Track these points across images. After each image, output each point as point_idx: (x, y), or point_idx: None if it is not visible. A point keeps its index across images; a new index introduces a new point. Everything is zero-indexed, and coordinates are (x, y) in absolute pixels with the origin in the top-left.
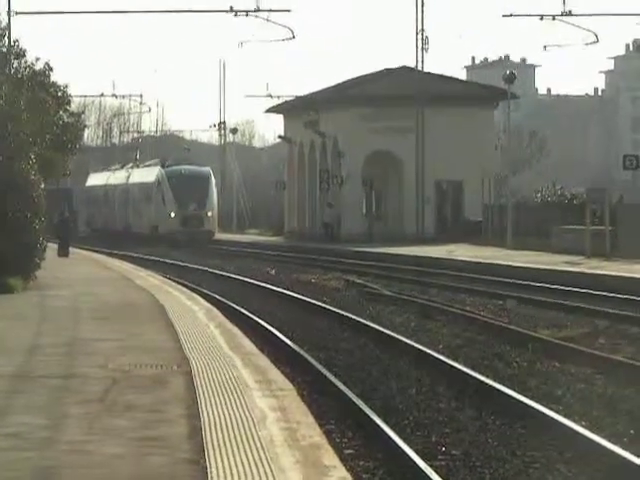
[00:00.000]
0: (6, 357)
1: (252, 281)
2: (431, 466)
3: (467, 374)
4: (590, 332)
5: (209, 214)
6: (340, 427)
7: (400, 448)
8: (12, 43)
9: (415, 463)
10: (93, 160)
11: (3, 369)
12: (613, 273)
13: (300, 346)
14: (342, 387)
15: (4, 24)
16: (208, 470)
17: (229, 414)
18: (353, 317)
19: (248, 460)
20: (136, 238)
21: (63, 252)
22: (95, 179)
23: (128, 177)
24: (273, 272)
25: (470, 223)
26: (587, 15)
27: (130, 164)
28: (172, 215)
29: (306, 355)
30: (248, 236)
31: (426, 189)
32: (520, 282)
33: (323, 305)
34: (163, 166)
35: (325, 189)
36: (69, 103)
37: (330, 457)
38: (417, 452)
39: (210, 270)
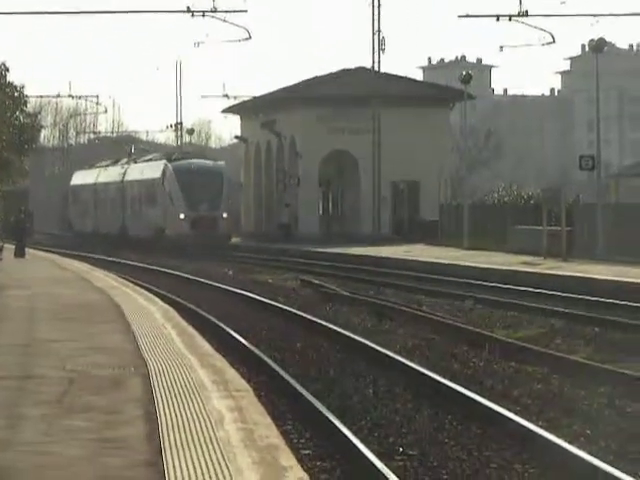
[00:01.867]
0: None
1: (209, 282)
2: (388, 466)
3: (423, 374)
4: (546, 332)
5: (224, 215)
6: (297, 427)
7: (357, 448)
8: None
9: (372, 463)
10: (49, 161)
11: None
12: (569, 273)
13: (256, 346)
14: (299, 387)
15: None
16: (165, 472)
17: (186, 415)
18: (309, 317)
19: (206, 461)
20: (134, 242)
21: (19, 253)
22: (81, 177)
23: (124, 174)
24: (230, 273)
25: (426, 223)
26: (543, 15)
27: (124, 159)
28: (181, 216)
29: (262, 355)
30: None
31: (382, 189)
32: (476, 282)
33: (279, 305)
34: (170, 160)
35: (282, 189)
36: (25, 104)
37: (287, 458)
38: (374, 452)
39: (166, 271)
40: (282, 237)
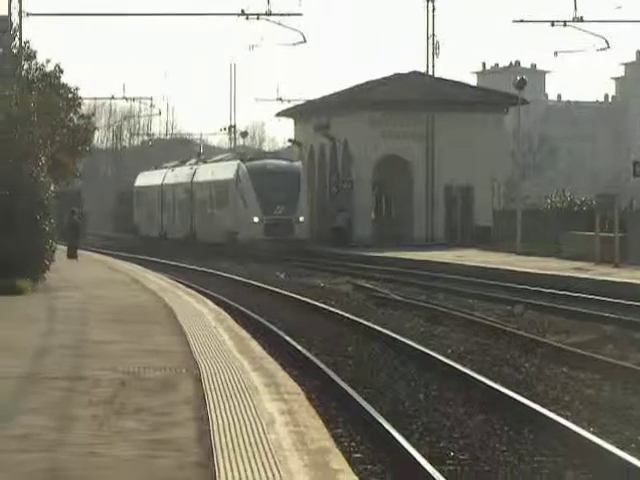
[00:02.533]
0: (15, 359)
1: (262, 285)
2: (439, 470)
3: (475, 379)
4: (598, 338)
5: (300, 219)
6: (349, 431)
7: (409, 453)
8: (23, 44)
9: (423, 467)
10: (102, 162)
11: (12, 370)
12: (621, 280)
13: (308, 350)
14: (350, 391)
15: (15, 25)
16: (217, 474)
17: (238, 417)
18: (362, 322)
19: (257, 464)
20: (203, 247)
21: (72, 254)
22: (146, 179)
23: (192, 175)
24: (282, 276)
25: (480, 228)
26: (598, 21)
27: (193, 160)
28: (255, 220)
29: (314, 359)
30: None
31: (436, 194)
32: (529, 288)
33: (332, 309)
34: (243, 160)
35: (335, 193)
36: (79, 105)
37: (339, 461)
38: (425, 456)
39: (219, 273)
40: (336, 241)
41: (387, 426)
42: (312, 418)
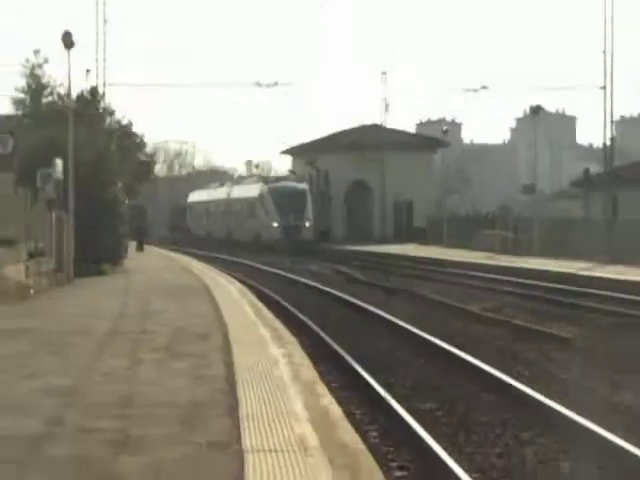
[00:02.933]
0: (100, 319)
1: (272, 269)
2: (389, 393)
3: (420, 335)
4: (500, 305)
5: (307, 224)
6: (329, 368)
7: (368, 382)
8: (106, 106)
9: (377, 392)
10: (161, 186)
11: (100, 328)
12: (513, 264)
13: (301, 313)
14: (328, 339)
15: (101, 92)
16: (238, 397)
17: (253, 359)
18: (337, 293)
19: (267, 390)
20: (237, 244)
21: (139, 248)
22: (196, 196)
23: (229, 193)
24: (288, 263)
25: (417, 229)
26: (499, 89)
27: (229, 182)
28: (275, 225)
29: (305, 319)
30: None
31: (387, 206)
32: (452, 270)
33: (318, 286)
34: (265, 182)
35: (319, 206)
36: (144, 147)
37: (322, 388)
38: (379, 383)
39: (242, 261)
40: (321, 239)
41: (352, 362)
42: (303, 359)
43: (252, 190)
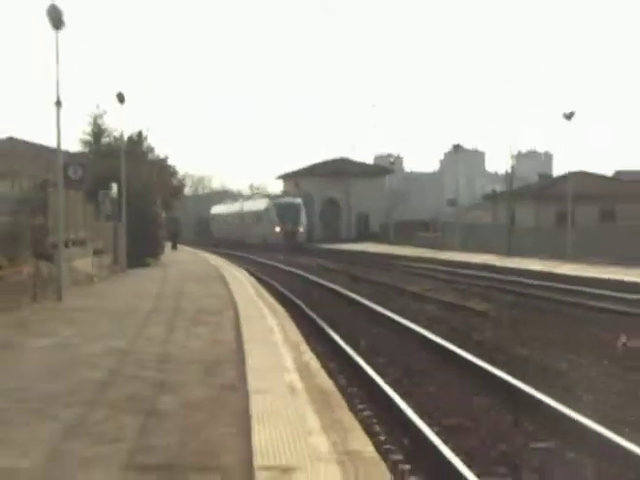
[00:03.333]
0: (146, 300)
1: (269, 262)
2: (353, 350)
3: (376, 310)
4: (434, 288)
5: (300, 230)
6: (310, 332)
7: (337, 342)
8: (148, 145)
9: (343, 348)
10: (188, 203)
11: (145, 306)
12: (442, 257)
13: (292, 294)
14: (310, 313)
15: (143, 135)
16: (245, 353)
17: (256, 328)
18: (317, 279)
19: (266, 349)
20: (248, 246)
21: (174, 247)
22: (217, 209)
23: (242, 207)
24: (282, 257)
25: (373, 232)
26: (430, 131)
27: (242, 199)
28: (277, 230)
29: (294, 297)
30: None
31: (352, 216)
32: (397, 262)
33: (304, 274)
34: (270, 199)
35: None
36: (176, 174)
37: (304, 347)
38: (344, 341)
39: (251, 257)
40: (307, 240)
41: (327, 329)
42: (292, 327)
43: (260, 204)
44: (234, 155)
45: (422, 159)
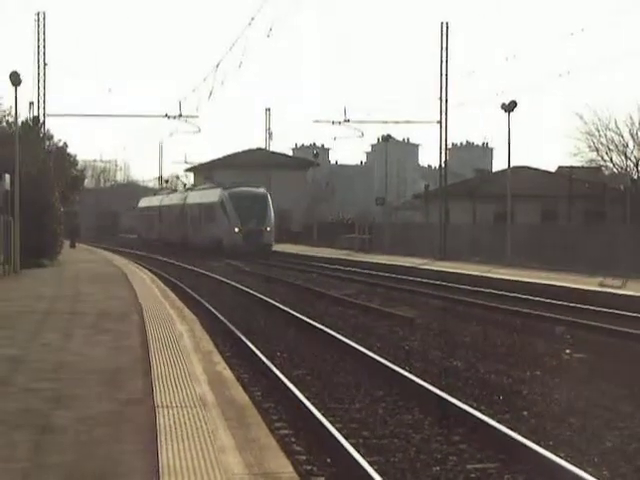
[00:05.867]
0: (40, 301)
1: (183, 264)
2: (270, 361)
3: (291, 313)
4: (356, 292)
5: (268, 229)
6: (223, 340)
7: (247, 345)
8: (46, 132)
9: (253, 350)
10: (90, 196)
11: (40, 308)
12: (368, 260)
13: (200, 296)
14: (223, 319)
15: (41, 120)
16: (151, 363)
17: (163, 333)
18: (228, 281)
19: (174, 358)
20: (194, 250)
21: (72, 245)
22: (147, 202)
23: (185, 199)
24: (241, 264)
25: (295, 232)
26: (358, 121)
27: (182, 189)
28: (236, 230)
29: (203, 301)
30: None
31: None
32: (317, 264)
33: (214, 275)
34: (224, 188)
35: None
36: (76, 164)
37: (217, 357)
38: (255, 345)
39: (160, 258)
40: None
41: (240, 335)
42: (203, 334)
43: (211, 196)
44: (141, 146)
45: (348, 151)
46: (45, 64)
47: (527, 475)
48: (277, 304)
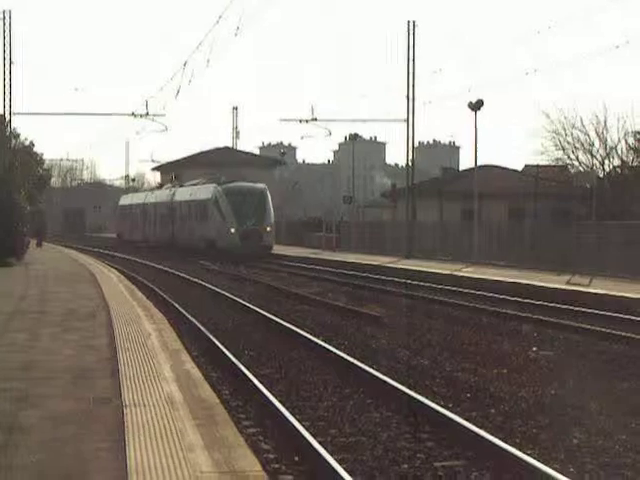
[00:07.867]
0: (6, 301)
1: (150, 263)
2: (238, 359)
3: (257, 310)
4: (323, 290)
5: (268, 229)
6: (191, 340)
7: (214, 343)
8: (12, 130)
9: (220, 348)
10: (56, 195)
11: (5, 308)
12: (335, 258)
13: (169, 296)
14: (191, 318)
15: (7, 119)
16: (119, 362)
17: (131, 332)
18: (196, 280)
19: (142, 357)
20: (183, 251)
21: (39, 244)
22: (129, 199)
23: (172, 195)
24: (203, 264)
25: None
26: (325, 120)
27: (169, 185)
28: (232, 231)
29: (171, 301)
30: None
31: None
32: (286, 262)
33: (185, 276)
34: (218, 183)
35: None
36: (43, 163)
37: (185, 356)
38: (222, 344)
39: (137, 260)
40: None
41: (208, 334)
42: (171, 333)
43: (203, 192)
44: (107, 144)
45: (315, 150)
46: (11, 63)
47: (494, 472)
48: (245, 303)
